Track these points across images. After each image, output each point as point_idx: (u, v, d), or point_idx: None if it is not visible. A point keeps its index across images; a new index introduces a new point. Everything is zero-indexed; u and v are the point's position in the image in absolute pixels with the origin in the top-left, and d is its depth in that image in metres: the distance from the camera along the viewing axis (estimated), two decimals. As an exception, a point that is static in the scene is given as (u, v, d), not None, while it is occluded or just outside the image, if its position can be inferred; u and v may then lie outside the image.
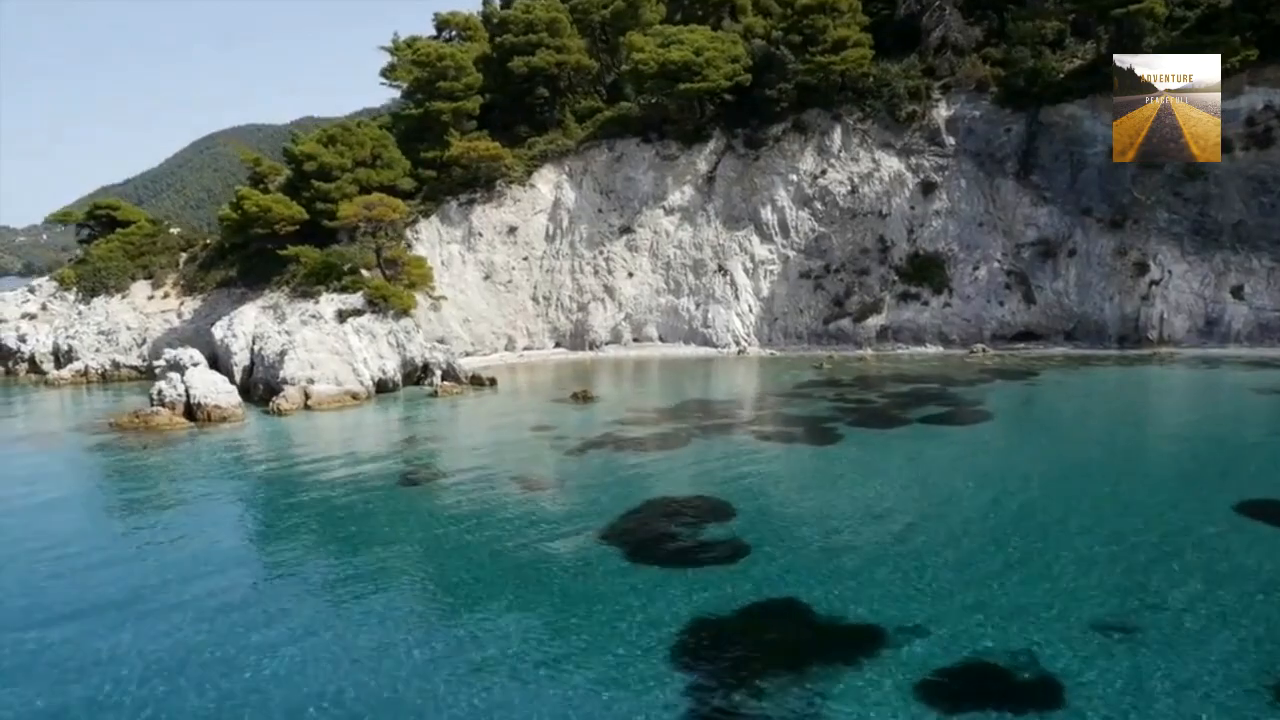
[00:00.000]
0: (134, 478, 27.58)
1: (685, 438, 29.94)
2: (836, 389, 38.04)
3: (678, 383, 42.22)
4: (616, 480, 25.03)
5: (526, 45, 53.78)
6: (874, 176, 51.93)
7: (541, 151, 52.47)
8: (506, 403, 37.71)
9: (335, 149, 48.34)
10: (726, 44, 51.27)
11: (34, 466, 28.84)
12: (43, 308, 54.22)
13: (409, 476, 26.01)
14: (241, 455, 29.73)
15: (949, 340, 49.29)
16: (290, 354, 38.77)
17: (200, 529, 22.24)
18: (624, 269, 52.26)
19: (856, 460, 26.62)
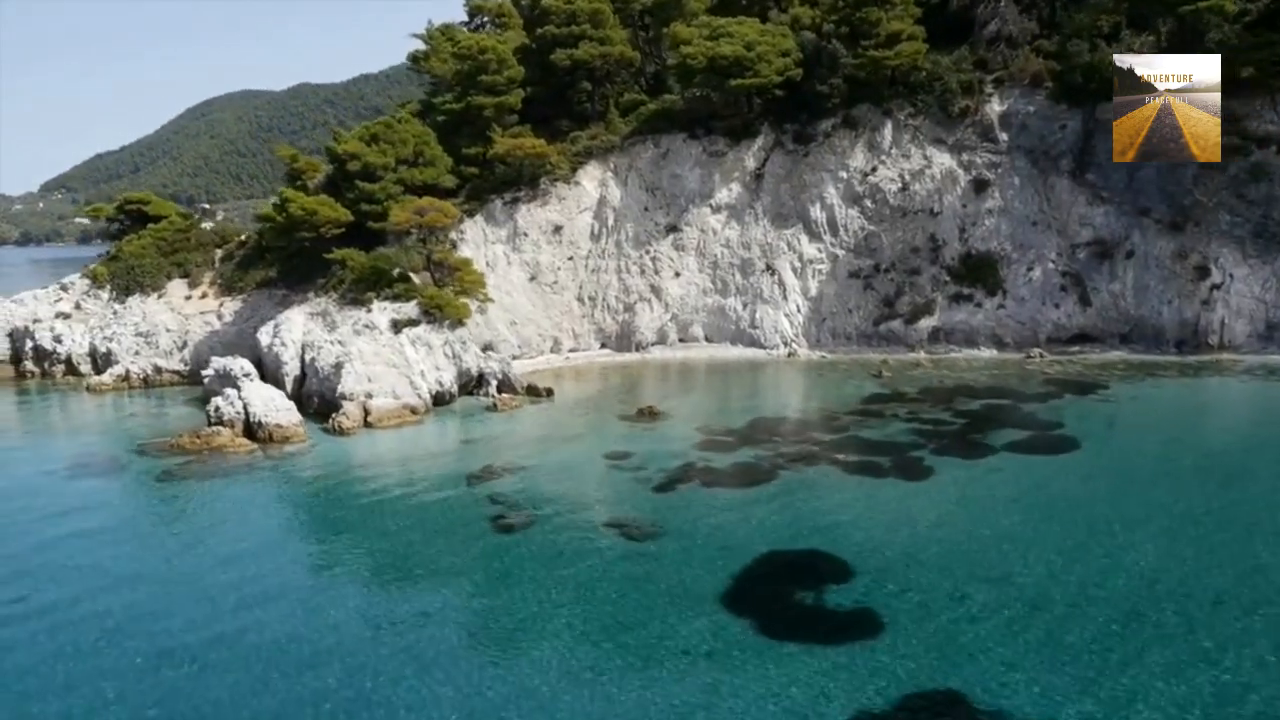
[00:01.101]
0: (225, 521, 26.66)
1: (769, 470, 29.32)
2: (904, 404, 37.40)
3: (738, 392, 41.58)
4: (716, 528, 24.41)
5: (569, 37, 52.38)
6: (925, 174, 50.91)
7: (586, 148, 51.30)
8: (569, 420, 37.01)
9: (378, 147, 47.17)
10: (777, 37, 49.93)
11: (110, 505, 28.07)
12: (76, 307, 53.21)
13: (501, 520, 25.32)
14: (320, 490, 28.98)
15: (1003, 343, 48.57)
16: (347, 367, 37.98)
17: (317, 587, 21.64)
18: (671, 268, 51.35)
19: (956, 501, 26.02)
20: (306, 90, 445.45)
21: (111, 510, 27.39)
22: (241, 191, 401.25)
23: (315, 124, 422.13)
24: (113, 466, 31.99)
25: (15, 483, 30.17)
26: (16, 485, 29.89)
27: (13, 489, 29.45)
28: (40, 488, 29.57)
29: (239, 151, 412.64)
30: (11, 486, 29.70)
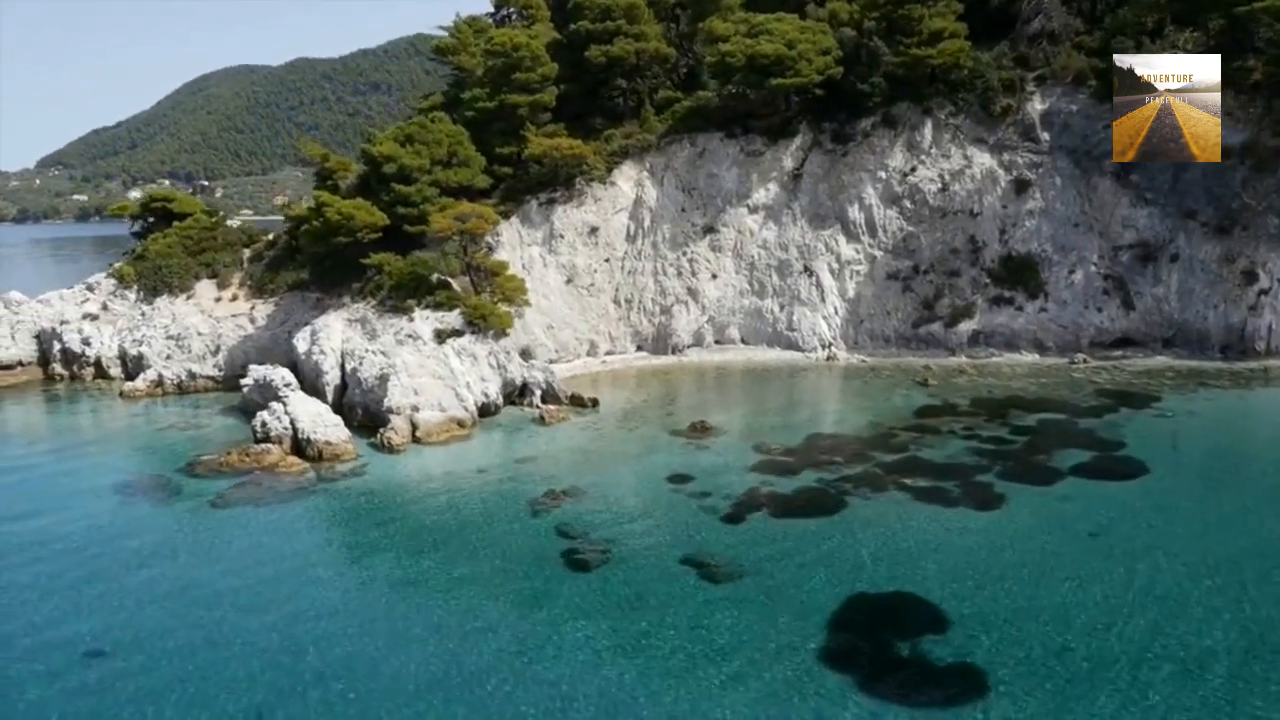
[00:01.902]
0: (289, 564, 26.09)
1: (836, 497, 28.90)
2: (958, 419, 36.95)
3: (785, 403, 41.07)
4: (796, 567, 24.01)
5: (604, 33, 51.31)
6: (965, 174, 50.18)
7: (621, 147, 50.40)
8: (620, 435, 36.48)
9: (413, 148, 46.28)
10: (817, 34, 48.96)
11: (168, 537, 27.46)
12: (103, 307, 52.47)
13: (574, 556, 24.93)
14: (382, 521, 28.44)
15: (1044, 347, 48.07)
16: (393, 380, 37.38)
17: (400, 637, 21.22)
18: (707, 270, 50.68)
19: (1034, 536, 25.57)
20: (304, 65, 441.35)
21: (172, 548, 26.43)
22: (240, 168, 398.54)
23: (314, 99, 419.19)
24: (164, 490, 31.43)
25: (67, 512, 29.50)
26: (69, 516, 29.21)
27: (67, 521, 28.80)
28: (95, 519, 28.86)
29: (236, 128, 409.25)
30: (65, 518, 29.00)
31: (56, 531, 27.79)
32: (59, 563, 25.47)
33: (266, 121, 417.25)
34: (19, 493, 31.90)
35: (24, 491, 32.01)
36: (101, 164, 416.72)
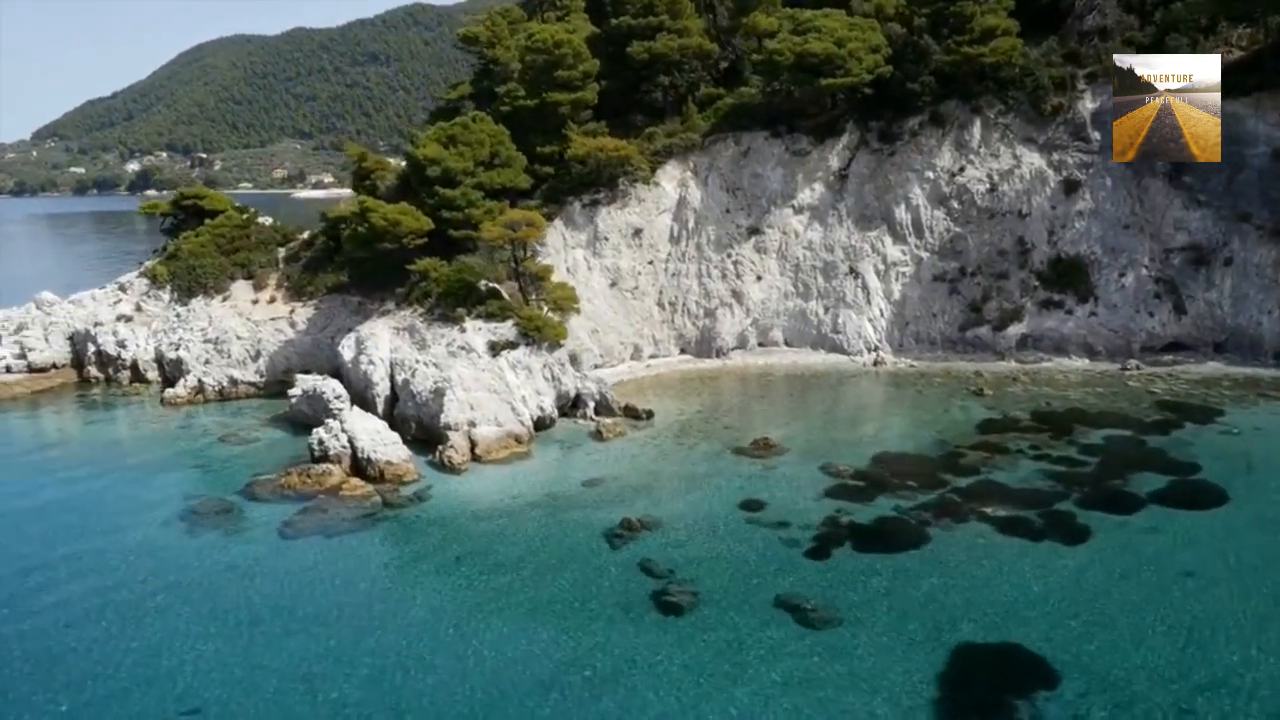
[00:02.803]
0: (371, 596, 25.86)
1: (917, 528, 28.49)
2: (1023, 435, 36.47)
3: (842, 415, 40.63)
4: (894, 612, 23.63)
5: (646, 28, 50.19)
6: (1014, 174, 49.37)
7: (665, 146, 49.46)
8: (681, 453, 35.94)
9: (456, 150, 45.32)
10: (866, 32, 47.88)
11: (240, 573, 26.95)
12: (137, 308, 51.73)
13: (664, 598, 24.48)
14: (456, 556, 27.87)
15: (1094, 352, 47.51)
16: (449, 395, 36.80)
17: (500, 693, 20.83)
18: (752, 272, 49.97)
19: (1129, 575, 25.14)
20: (301, 35, 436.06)
21: (246, 586, 26.02)
22: (238, 140, 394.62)
23: (311, 70, 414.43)
24: (227, 516, 30.90)
25: (131, 543, 29.00)
26: (134, 547, 28.72)
27: (133, 553, 28.33)
28: (163, 553, 28.34)
29: (234, 99, 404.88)
30: (130, 550, 28.52)
31: (122, 566, 27.32)
32: (132, 604, 24.96)
33: (264, 93, 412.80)
34: (75, 518, 31.30)
35: (80, 517, 31.44)
36: (98, 135, 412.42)
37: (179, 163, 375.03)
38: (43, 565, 27.58)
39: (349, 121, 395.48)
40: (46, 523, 31.03)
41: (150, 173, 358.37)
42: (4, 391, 47.43)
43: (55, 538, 29.66)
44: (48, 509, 32.35)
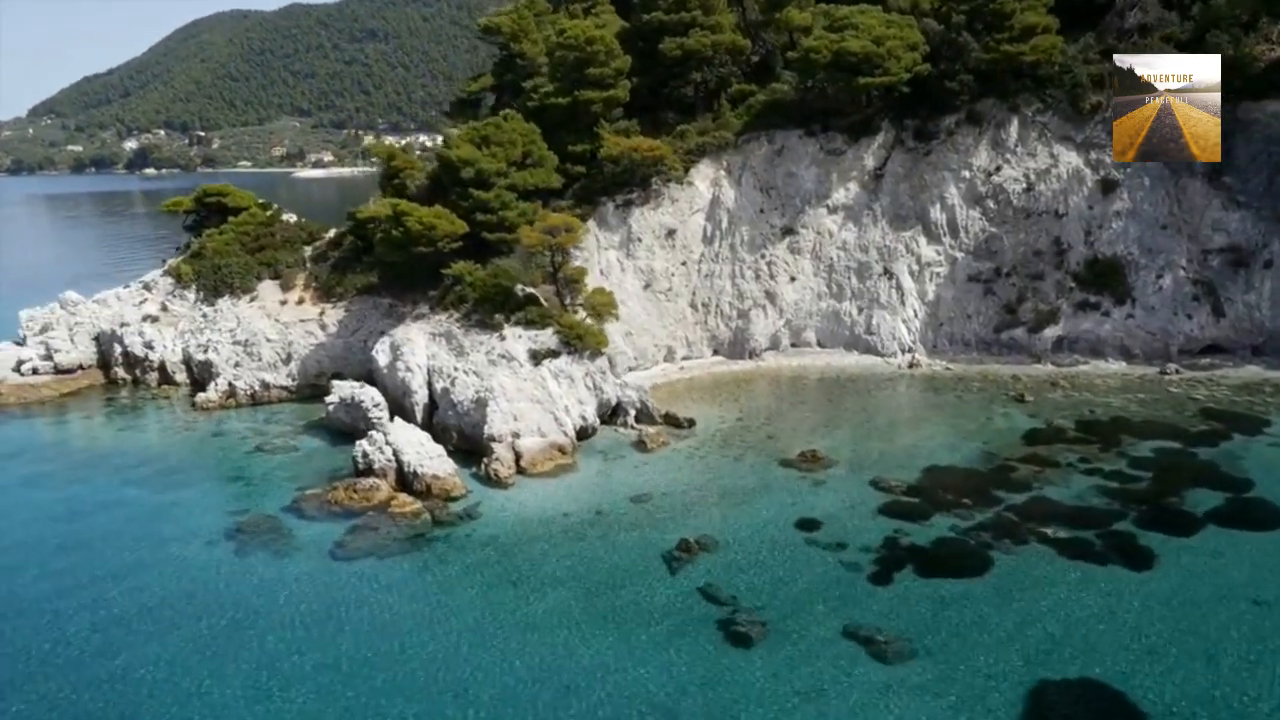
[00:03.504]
0: (431, 621, 25.61)
1: (977, 550, 28.27)
2: (1070, 446, 36.16)
3: (884, 423, 40.25)
4: (966, 644, 23.40)
5: (678, 24, 49.32)
6: (1051, 173, 48.80)
7: (698, 145, 48.76)
8: (727, 466, 35.59)
9: (489, 150, 44.61)
10: (904, 29, 47.10)
11: (298, 601, 26.59)
12: (163, 308, 51.17)
13: (731, 628, 24.26)
14: (511, 574, 27.77)
15: (1131, 354, 47.12)
16: (492, 405, 36.39)
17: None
18: (786, 273, 49.46)
19: (1199, 603, 24.84)
20: (299, 11, 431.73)
21: (305, 614, 25.69)
22: (236, 118, 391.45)
23: (309, 47, 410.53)
24: (276, 535, 30.52)
25: (181, 568, 28.57)
26: (183, 571, 28.33)
27: (182, 577, 27.97)
28: (214, 577, 27.99)
29: (231, 76, 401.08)
30: (179, 574, 28.14)
31: (173, 597, 26.90)
32: (190, 645, 24.56)
33: (261, 70, 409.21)
34: (118, 538, 30.78)
35: (124, 536, 30.90)
36: (95, 113, 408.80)
37: (177, 140, 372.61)
38: (87, 594, 27.10)
39: (348, 99, 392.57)
40: (86, 541, 30.55)
41: (148, 151, 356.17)
42: (31, 394, 46.97)
43: (97, 559, 29.22)
44: (86, 526, 31.86)
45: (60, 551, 29.84)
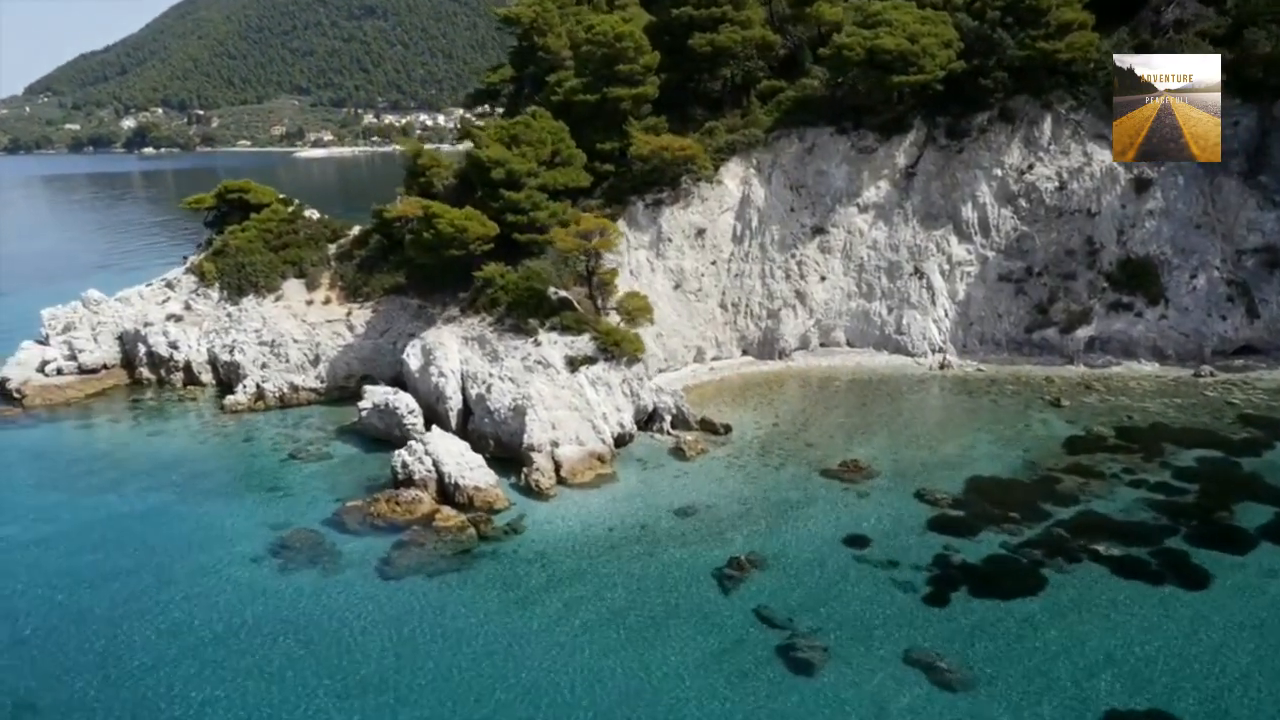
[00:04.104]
0: (487, 646, 25.46)
1: (1030, 569, 28.13)
2: (1113, 456, 35.93)
3: (921, 429, 39.79)
4: (1028, 670, 23.30)
5: (708, 20, 48.58)
6: (1084, 171, 48.32)
7: (728, 143, 48.19)
8: (769, 476, 35.31)
9: (519, 150, 44.06)
10: (939, 25, 46.43)
11: (350, 623, 26.43)
12: (186, 307, 50.70)
13: (793, 654, 24.11)
14: (562, 594, 27.60)
15: (1164, 355, 46.81)
16: (530, 414, 36.10)
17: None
18: (816, 273, 49.05)
19: (1260, 626, 24.80)
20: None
21: (361, 639, 25.55)
22: (234, 96, 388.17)
23: (307, 24, 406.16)
24: (321, 551, 30.30)
25: (226, 585, 28.41)
26: (229, 590, 28.16)
27: (230, 596, 27.81)
28: (262, 596, 27.79)
29: (229, 54, 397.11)
30: (225, 593, 27.97)
31: (220, 616, 26.77)
32: (254, 667, 24.45)
33: (259, 47, 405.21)
34: (162, 557, 30.46)
35: (168, 555, 30.61)
36: (92, 91, 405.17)
37: (175, 119, 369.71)
38: (138, 623, 26.86)
39: (347, 77, 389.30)
40: (129, 562, 30.23)
41: (146, 130, 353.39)
42: (57, 395, 46.61)
43: (144, 582, 28.91)
44: (127, 543, 31.53)
45: (104, 574, 29.41)
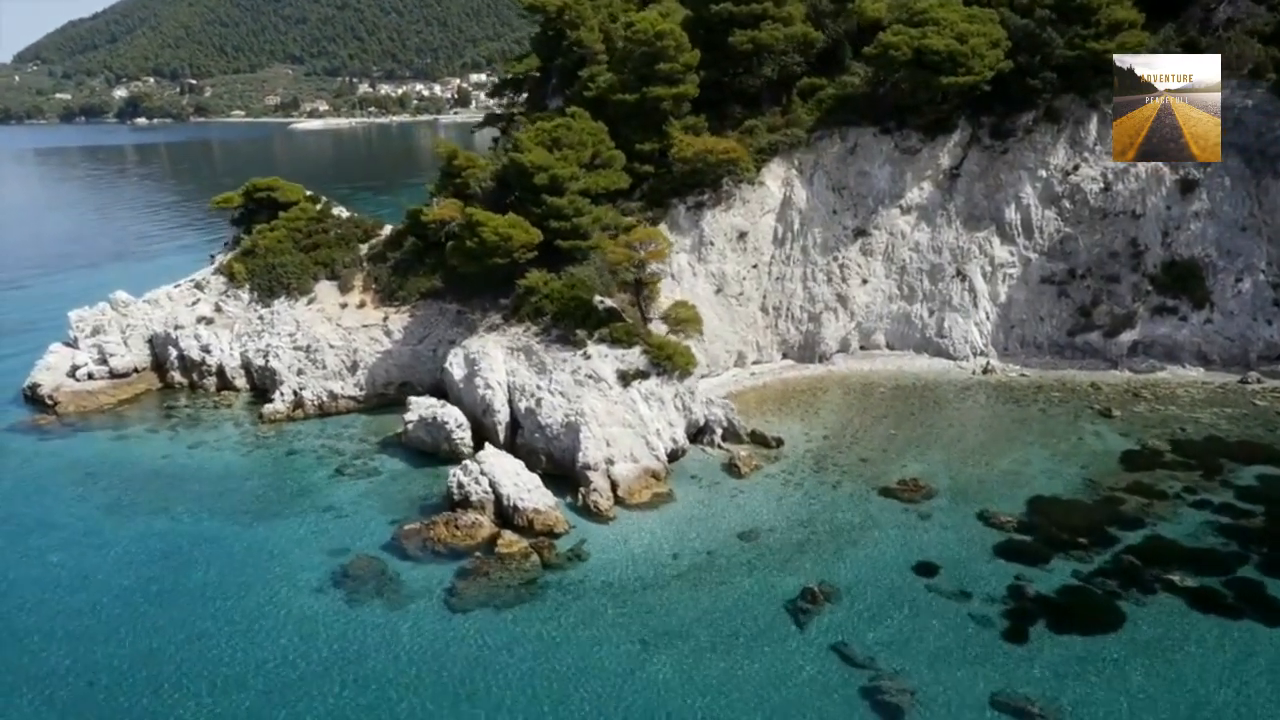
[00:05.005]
0: (567, 691, 25.20)
1: (1107, 601, 27.89)
2: (1173, 474, 35.61)
3: (973, 442, 39.33)
4: (1124, 715, 23.07)
5: (748, 16, 47.50)
6: (1129, 172, 47.59)
7: (770, 144, 47.29)
8: (827, 496, 34.90)
9: (560, 154, 43.17)
10: (987, 24, 45.47)
11: (424, 665, 26.06)
12: (216, 309, 49.91)
13: (880, 698, 23.85)
14: (636, 627, 27.29)
15: (1208, 360, 46.49)
16: (585, 432, 35.60)
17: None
18: (858, 276, 48.43)
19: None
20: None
21: (435, 684, 25.14)
22: (227, 65, 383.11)
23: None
24: (384, 581, 29.87)
25: (301, 625, 27.86)
26: (300, 629, 27.65)
27: (294, 633, 27.39)
28: (334, 640, 27.13)
29: (222, 21, 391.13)
30: (296, 632, 27.45)
31: (300, 657, 26.36)
32: (330, 713, 24.12)
33: (251, 14, 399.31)
34: (221, 586, 29.95)
35: (227, 584, 30.10)
36: (81, 59, 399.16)
37: (168, 89, 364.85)
38: (202, 660, 26.63)
39: (340, 46, 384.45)
40: (186, 591, 29.81)
41: (139, 99, 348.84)
42: (90, 402, 45.96)
43: (204, 614, 28.49)
44: (178, 569, 31.07)
45: (164, 609, 28.88)
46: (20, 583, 30.61)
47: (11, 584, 30.55)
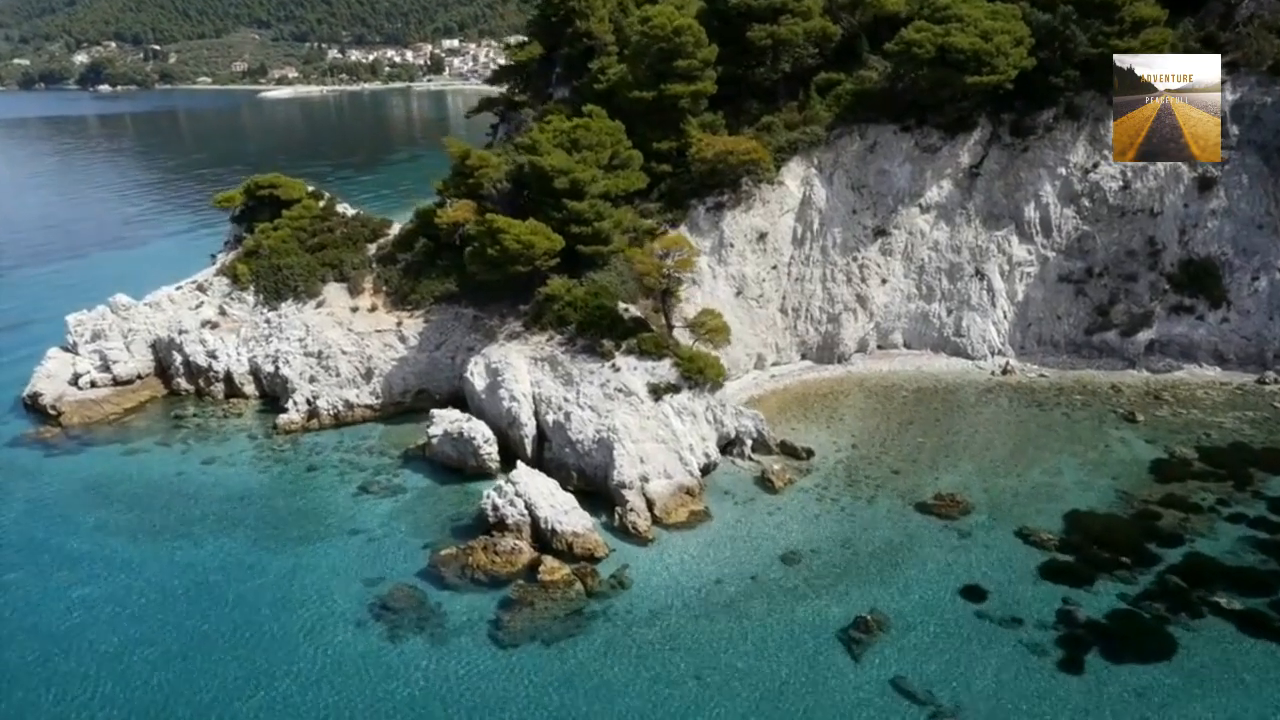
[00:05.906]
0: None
1: (1156, 626, 28.07)
2: (1204, 485, 35.74)
3: (1002, 452, 39.16)
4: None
5: (767, 10, 46.42)
6: (1148, 170, 47.32)
7: (789, 142, 46.45)
8: (864, 513, 34.61)
9: (579, 156, 42.13)
10: (1011, 22, 44.73)
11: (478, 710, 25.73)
12: (221, 312, 48.56)
13: (949, 736, 23.83)
14: (687, 663, 27.02)
15: (1225, 359, 46.66)
16: (618, 449, 35.03)
17: None
18: (878, 276, 47.98)
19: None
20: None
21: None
22: (191, 29, 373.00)
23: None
24: (426, 614, 29.37)
25: (344, 664, 27.30)
26: (352, 671, 27.07)
27: (353, 677, 26.77)
28: (386, 678, 26.71)
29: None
30: (350, 675, 26.83)
31: (352, 704, 25.77)
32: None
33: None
34: (258, 623, 29.27)
35: (263, 620, 29.44)
36: (39, 23, 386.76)
37: (131, 54, 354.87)
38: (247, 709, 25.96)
39: (308, 10, 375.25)
40: (223, 628, 29.11)
41: (101, 65, 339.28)
42: (94, 411, 44.67)
43: (245, 654, 27.89)
44: (209, 603, 30.44)
45: (202, 654, 28.06)
46: (50, 620, 29.72)
47: (43, 620, 29.68)
